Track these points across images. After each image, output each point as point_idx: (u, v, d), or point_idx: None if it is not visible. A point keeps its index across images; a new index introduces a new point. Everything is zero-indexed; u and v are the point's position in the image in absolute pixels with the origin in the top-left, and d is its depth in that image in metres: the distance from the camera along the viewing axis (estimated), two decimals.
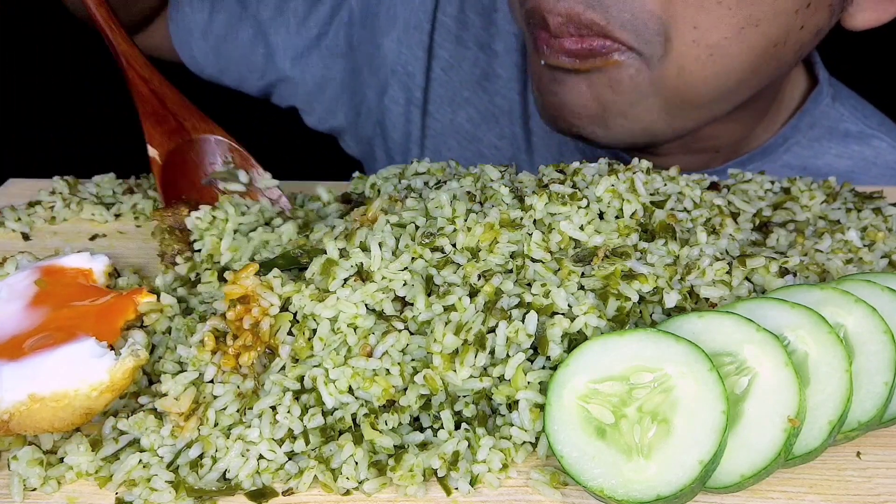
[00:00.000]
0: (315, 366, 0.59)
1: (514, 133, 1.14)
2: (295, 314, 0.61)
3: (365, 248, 0.63)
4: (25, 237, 0.80)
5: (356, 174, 0.85)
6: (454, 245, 0.64)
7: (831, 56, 1.09)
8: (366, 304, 0.60)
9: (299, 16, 1.14)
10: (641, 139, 0.89)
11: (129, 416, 0.57)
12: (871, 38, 0.94)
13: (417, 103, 1.16)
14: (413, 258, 0.62)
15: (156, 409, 0.57)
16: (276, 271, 0.62)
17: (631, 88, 0.83)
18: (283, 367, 0.59)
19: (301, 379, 0.59)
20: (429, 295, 0.60)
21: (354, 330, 0.60)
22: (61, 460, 0.55)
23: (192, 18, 1.16)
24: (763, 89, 0.92)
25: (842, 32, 0.91)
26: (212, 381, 0.58)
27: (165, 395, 0.57)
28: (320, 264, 0.62)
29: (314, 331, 0.60)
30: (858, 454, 0.57)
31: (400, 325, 0.59)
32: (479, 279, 0.61)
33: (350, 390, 0.58)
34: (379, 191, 0.78)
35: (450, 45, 1.14)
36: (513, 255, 0.64)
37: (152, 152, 0.73)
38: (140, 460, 0.55)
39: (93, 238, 0.80)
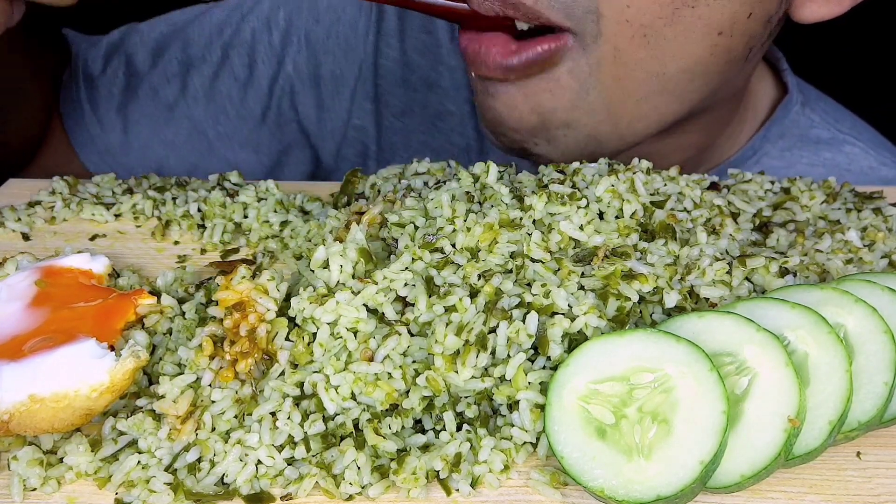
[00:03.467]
0: (315, 371, 0.58)
1: None
2: (293, 318, 0.61)
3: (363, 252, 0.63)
4: (25, 237, 0.79)
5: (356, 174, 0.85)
6: (454, 245, 0.64)
7: (801, 55, 1.08)
8: (366, 306, 0.60)
9: (235, 101, 1.10)
10: (588, 148, 0.85)
11: (128, 417, 0.57)
12: (843, 37, 0.91)
13: (373, 155, 1.14)
14: (413, 259, 0.62)
15: (154, 411, 0.57)
16: (268, 274, 0.62)
17: (570, 85, 0.80)
18: (283, 373, 0.59)
19: (301, 385, 0.58)
20: (430, 296, 0.60)
21: (355, 334, 0.59)
22: (61, 460, 0.55)
23: (105, 139, 1.10)
24: (723, 94, 0.89)
25: (808, 30, 0.88)
26: (210, 386, 0.58)
27: (163, 397, 0.57)
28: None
29: (314, 335, 0.60)
30: (858, 454, 0.57)
31: (401, 328, 0.59)
32: (478, 279, 0.61)
33: (352, 396, 0.58)
34: (379, 191, 0.78)
35: (398, 91, 1.11)
36: (512, 255, 0.64)
37: None
38: (139, 461, 0.55)
39: (93, 238, 0.80)
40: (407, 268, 0.62)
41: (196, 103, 1.10)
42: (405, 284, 0.61)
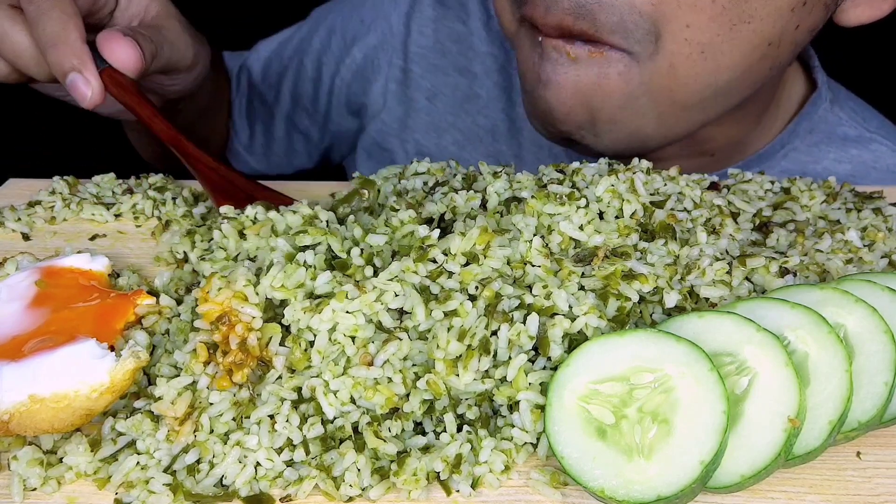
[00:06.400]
0: (313, 376, 0.58)
1: (499, 150, 1.16)
2: (288, 327, 0.60)
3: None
4: (25, 237, 0.79)
5: (356, 174, 0.85)
6: (445, 254, 0.63)
7: (830, 56, 1.09)
8: (363, 314, 0.60)
9: (310, 96, 1.26)
10: (631, 145, 0.88)
11: (127, 418, 0.57)
12: (871, 37, 0.93)
13: (399, 134, 1.21)
14: (404, 271, 0.61)
15: (152, 412, 0.57)
16: (243, 280, 0.60)
17: (619, 87, 0.82)
18: (279, 377, 0.58)
19: (299, 389, 0.58)
20: (427, 303, 0.60)
21: (353, 340, 0.59)
22: (61, 460, 0.55)
23: (238, 140, 1.32)
24: (758, 91, 0.91)
25: (841, 32, 0.90)
26: (207, 388, 0.58)
27: (160, 398, 0.57)
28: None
29: (311, 342, 0.59)
30: (858, 454, 0.57)
31: (402, 334, 0.59)
32: (476, 289, 0.61)
33: (352, 400, 0.57)
34: (379, 191, 0.78)
35: (430, 76, 1.18)
36: (508, 261, 0.64)
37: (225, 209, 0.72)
38: (138, 462, 0.55)
39: (93, 238, 0.80)
40: (395, 277, 0.61)
41: (285, 102, 1.29)
42: (395, 296, 0.60)
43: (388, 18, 1.19)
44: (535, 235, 0.65)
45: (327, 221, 0.68)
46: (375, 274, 0.62)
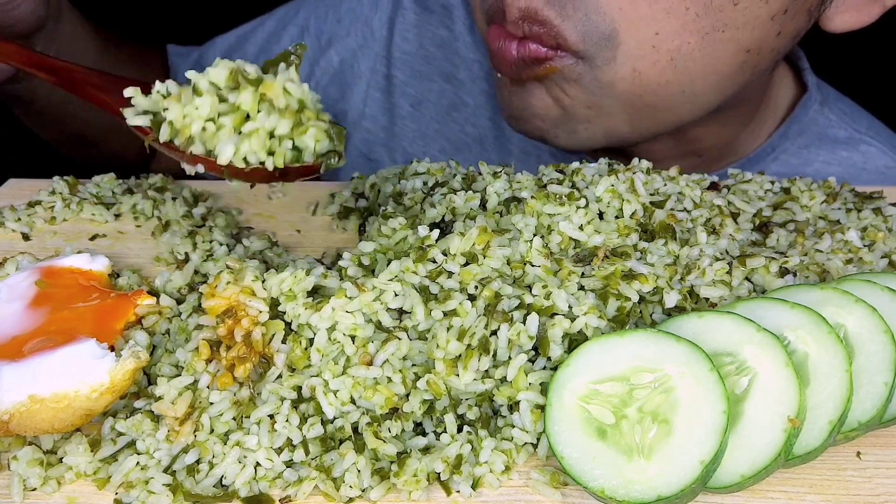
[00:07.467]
0: (313, 376, 0.58)
1: (487, 159, 1.15)
2: (290, 323, 0.60)
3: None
4: (25, 237, 0.79)
5: (356, 174, 0.85)
6: (445, 254, 0.63)
7: (819, 58, 1.09)
8: (363, 313, 0.60)
9: None
10: (606, 143, 0.88)
11: (127, 418, 0.57)
12: (858, 38, 0.92)
13: (386, 143, 1.19)
14: (404, 271, 0.62)
15: (152, 412, 0.57)
16: (251, 275, 0.60)
17: (581, 91, 0.82)
18: (280, 376, 0.59)
19: (298, 388, 0.58)
20: (426, 303, 0.60)
21: (352, 339, 0.59)
22: (61, 460, 0.55)
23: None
24: (746, 94, 0.90)
25: (828, 33, 0.89)
26: (208, 388, 0.58)
27: (161, 398, 0.57)
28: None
29: (311, 341, 0.59)
30: (858, 454, 0.57)
31: (401, 333, 0.59)
32: (476, 289, 0.61)
33: (351, 400, 0.57)
34: (379, 191, 0.78)
35: (415, 82, 1.16)
36: (508, 261, 0.64)
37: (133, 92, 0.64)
38: (137, 462, 0.55)
39: (93, 238, 0.80)
40: (395, 277, 0.61)
41: None
42: (395, 295, 0.60)
43: (368, 22, 1.17)
44: (534, 235, 0.65)
45: (256, 74, 0.64)
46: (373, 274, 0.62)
